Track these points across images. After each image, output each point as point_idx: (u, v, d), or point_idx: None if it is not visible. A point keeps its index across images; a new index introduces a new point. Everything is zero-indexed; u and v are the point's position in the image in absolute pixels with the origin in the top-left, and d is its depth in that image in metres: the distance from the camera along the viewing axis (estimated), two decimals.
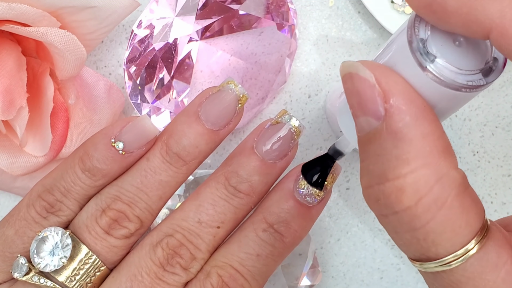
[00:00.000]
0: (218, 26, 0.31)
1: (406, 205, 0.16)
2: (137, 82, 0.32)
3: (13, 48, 0.30)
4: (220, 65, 0.32)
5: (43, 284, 0.23)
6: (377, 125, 0.17)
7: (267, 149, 0.24)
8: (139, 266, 0.23)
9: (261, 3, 0.32)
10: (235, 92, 0.24)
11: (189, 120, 0.24)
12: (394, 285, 0.37)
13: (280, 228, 0.24)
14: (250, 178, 0.24)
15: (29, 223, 0.24)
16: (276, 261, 0.25)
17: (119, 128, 0.24)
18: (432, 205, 0.16)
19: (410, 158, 0.16)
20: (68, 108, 0.32)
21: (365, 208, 0.37)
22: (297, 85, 0.36)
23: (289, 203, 0.24)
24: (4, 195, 0.36)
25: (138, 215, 0.24)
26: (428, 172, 0.16)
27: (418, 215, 0.16)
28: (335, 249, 0.37)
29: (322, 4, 0.36)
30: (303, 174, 0.24)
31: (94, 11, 0.29)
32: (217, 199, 0.24)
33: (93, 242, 0.23)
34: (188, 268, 0.23)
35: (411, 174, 0.16)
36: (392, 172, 0.16)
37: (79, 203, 0.24)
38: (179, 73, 0.32)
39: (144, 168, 0.24)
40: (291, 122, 0.25)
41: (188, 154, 0.24)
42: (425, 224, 0.16)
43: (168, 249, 0.23)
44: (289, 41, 0.33)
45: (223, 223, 0.24)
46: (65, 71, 0.30)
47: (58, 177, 0.24)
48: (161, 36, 0.31)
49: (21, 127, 0.29)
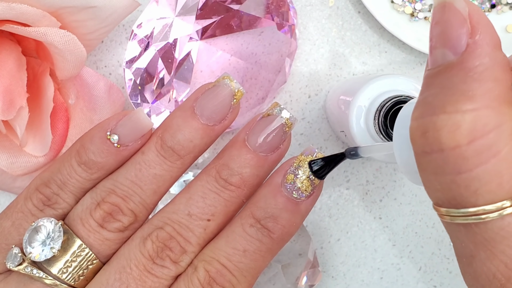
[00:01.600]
0: (218, 26, 0.31)
1: (457, 143, 0.15)
2: (137, 82, 0.32)
3: (13, 48, 0.30)
4: (220, 65, 0.32)
5: (35, 275, 0.23)
6: (452, 59, 0.16)
7: (258, 141, 0.24)
8: (128, 258, 0.23)
9: (261, 3, 0.32)
10: (230, 87, 0.24)
11: (184, 114, 0.24)
12: (394, 285, 0.37)
13: (267, 224, 0.24)
14: (241, 171, 0.24)
15: (26, 215, 0.24)
16: (265, 257, 0.24)
17: (115, 121, 0.24)
18: (485, 151, 0.15)
19: (476, 96, 0.15)
20: (68, 108, 0.32)
21: (365, 208, 0.37)
22: (297, 85, 0.36)
23: (276, 198, 0.24)
24: (4, 195, 0.36)
25: (132, 209, 0.24)
26: (490, 114, 0.15)
27: (467, 157, 0.15)
28: (335, 249, 0.37)
29: (322, 4, 0.36)
30: (312, 162, 0.24)
31: (94, 11, 0.29)
32: (207, 192, 0.24)
33: (87, 234, 0.23)
34: (178, 262, 0.23)
35: (471, 112, 0.15)
36: (452, 105, 0.16)
37: (75, 196, 0.24)
38: (179, 73, 0.32)
39: (138, 161, 0.24)
40: (282, 114, 0.25)
41: (183, 148, 0.24)
42: (472, 169, 0.15)
43: (158, 242, 0.23)
44: (289, 41, 0.33)
45: (214, 215, 0.24)
46: (65, 71, 0.30)
47: (55, 170, 0.24)
48: (161, 36, 0.31)
49: (21, 127, 0.29)
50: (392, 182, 0.37)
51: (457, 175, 0.16)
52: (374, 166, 0.37)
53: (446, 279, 0.37)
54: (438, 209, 0.17)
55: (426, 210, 0.37)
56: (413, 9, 0.35)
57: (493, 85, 0.16)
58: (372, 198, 0.37)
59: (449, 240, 0.37)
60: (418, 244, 0.37)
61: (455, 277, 0.37)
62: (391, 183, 0.37)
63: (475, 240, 0.16)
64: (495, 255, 0.16)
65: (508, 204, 0.16)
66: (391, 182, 0.37)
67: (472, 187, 0.16)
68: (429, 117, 0.16)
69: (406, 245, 0.37)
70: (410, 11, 0.35)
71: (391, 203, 0.37)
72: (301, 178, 0.24)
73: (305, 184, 0.24)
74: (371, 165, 0.36)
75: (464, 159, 0.16)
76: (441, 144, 0.16)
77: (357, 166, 0.36)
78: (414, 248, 0.37)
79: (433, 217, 0.37)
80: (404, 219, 0.37)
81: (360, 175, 0.36)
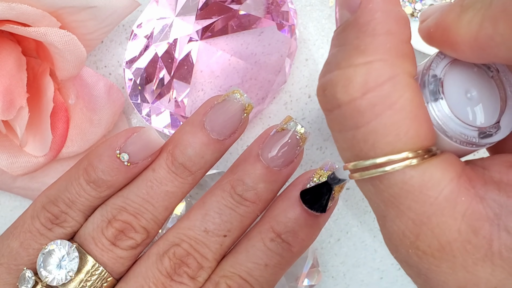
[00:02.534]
0: (218, 26, 0.31)
1: (351, 97, 0.15)
2: (137, 82, 0.32)
3: (13, 48, 0.30)
4: (220, 65, 0.32)
5: None
6: (349, 17, 0.16)
7: (272, 156, 0.24)
8: (146, 277, 0.23)
9: (261, 3, 0.32)
10: (241, 102, 0.24)
11: (194, 130, 0.24)
12: (394, 285, 0.37)
13: (287, 238, 0.24)
14: (256, 186, 0.24)
15: (34, 235, 0.24)
16: (283, 270, 0.25)
17: (123, 139, 0.24)
18: (379, 103, 0.15)
19: (368, 50, 0.15)
20: (68, 108, 0.32)
21: (365, 208, 0.37)
22: (297, 85, 0.36)
23: (296, 212, 0.24)
24: (4, 195, 0.36)
25: (144, 226, 0.24)
26: (383, 67, 0.15)
27: (362, 111, 0.15)
28: (335, 249, 0.37)
29: (322, 4, 0.36)
30: (303, 201, 0.24)
31: (94, 11, 0.29)
32: (223, 208, 0.24)
33: (100, 253, 0.23)
34: (196, 277, 0.23)
35: (363, 66, 0.15)
36: (346, 61, 0.16)
37: (84, 214, 0.24)
38: (179, 73, 0.32)
39: (150, 179, 0.24)
40: (296, 129, 0.25)
41: (194, 164, 0.24)
42: (368, 122, 0.15)
43: (175, 259, 0.23)
44: (289, 41, 0.33)
45: (230, 231, 0.24)
46: (65, 71, 0.30)
47: (62, 188, 0.24)
48: (161, 36, 0.31)
49: (21, 127, 0.29)
50: None
51: (356, 130, 0.16)
52: None
53: None
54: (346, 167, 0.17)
55: None
56: (413, 9, 0.35)
57: (385, 38, 0.16)
58: None
59: None
60: None
61: None
62: None
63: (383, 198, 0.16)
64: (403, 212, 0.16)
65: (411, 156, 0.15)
66: None
67: (370, 140, 0.15)
68: (327, 75, 0.16)
69: None
70: (410, 11, 0.35)
71: None
72: None
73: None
74: None
75: (359, 113, 0.15)
76: (337, 99, 0.16)
77: None
78: None
79: None
80: None
81: None
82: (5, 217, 0.36)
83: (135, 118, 0.36)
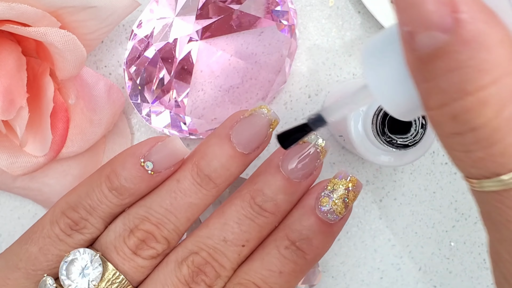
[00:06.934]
0: (218, 26, 0.31)
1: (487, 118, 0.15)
2: (137, 82, 0.32)
3: (13, 48, 0.30)
4: (220, 65, 0.32)
5: None
6: (445, 38, 0.15)
7: (292, 167, 0.24)
8: (164, 284, 0.23)
9: (261, 3, 0.32)
10: (268, 117, 0.25)
11: (221, 142, 0.24)
12: (394, 285, 0.37)
13: (302, 245, 0.24)
14: (276, 197, 0.24)
15: (53, 241, 0.24)
16: (298, 277, 0.25)
17: (147, 147, 0.24)
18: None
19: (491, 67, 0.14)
20: (68, 108, 0.32)
21: (365, 208, 0.37)
22: (297, 85, 0.36)
23: (310, 220, 0.24)
24: (4, 195, 0.36)
25: (165, 236, 0.24)
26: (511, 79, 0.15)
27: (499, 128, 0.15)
28: (335, 249, 0.37)
29: (322, 4, 0.36)
30: (280, 142, 0.22)
31: (94, 11, 0.29)
32: (243, 218, 0.24)
33: (121, 262, 0.23)
34: (212, 286, 0.24)
35: (493, 84, 0.15)
36: (472, 84, 0.15)
37: (104, 221, 0.24)
38: (179, 73, 0.32)
39: (174, 189, 0.24)
40: (318, 142, 0.25)
41: (219, 176, 0.24)
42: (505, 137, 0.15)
43: (193, 267, 0.23)
44: (289, 41, 0.33)
45: (248, 241, 0.24)
46: (65, 71, 0.30)
47: (83, 195, 0.24)
48: (161, 36, 0.31)
49: (21, 127, 0.29)
50: (392, 182, 0.37)
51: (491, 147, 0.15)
52: (374, 166, 0.37)
53: (446, 279, 0.37)
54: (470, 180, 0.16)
55: (426, 210, 0.37)
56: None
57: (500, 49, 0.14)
58: (372, 198, 0.37)
59: (449, 240, 0.37)
60: (418, 244, 0.37)
61: (455, 277, 0.37)
62: (391, 183, 0.37)
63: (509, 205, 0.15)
64: None
65: None
66: (391, 182, 0.37)
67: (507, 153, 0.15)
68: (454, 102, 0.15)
69: (406, 245, 0.37)
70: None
71: (391, 203, 0.37)
72: (336, 201, 0.24)
73: (340, 207, 0.25)
74: (371, 165, 0.36)
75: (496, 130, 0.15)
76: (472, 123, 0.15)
77: (357, 166, 0.36)
78: (414, 248, 0.37)
79: (433, 217, 0.37)
80: (404, 219, 0.37)
81: (360, 175, 0.36)
82: (5, 217, 0.36)
83: (135, 118, 0.36)
